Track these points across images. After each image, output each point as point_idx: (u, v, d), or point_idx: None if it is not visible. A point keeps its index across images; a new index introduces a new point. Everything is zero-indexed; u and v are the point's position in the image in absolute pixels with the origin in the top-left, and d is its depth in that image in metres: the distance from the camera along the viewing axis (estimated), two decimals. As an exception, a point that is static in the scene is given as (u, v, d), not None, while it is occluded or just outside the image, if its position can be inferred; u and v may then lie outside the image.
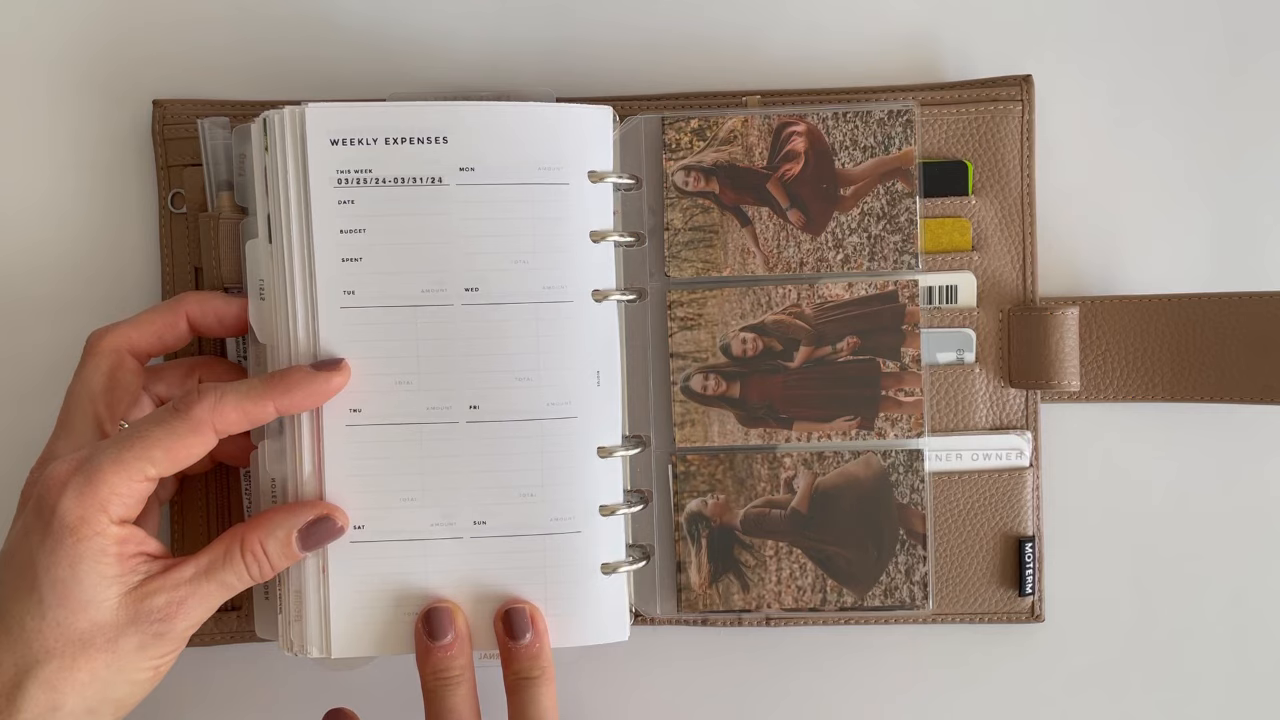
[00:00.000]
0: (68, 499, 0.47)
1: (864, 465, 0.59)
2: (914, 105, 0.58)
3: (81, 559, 0.47)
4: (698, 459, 0.59)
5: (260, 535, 0.51)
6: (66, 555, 0.47)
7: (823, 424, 0.59)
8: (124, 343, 0.53)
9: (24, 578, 0.48)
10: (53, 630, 0.47)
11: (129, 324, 0.54)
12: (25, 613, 0.47)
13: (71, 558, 0.47)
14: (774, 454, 0.59)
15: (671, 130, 0.58)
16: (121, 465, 0.48)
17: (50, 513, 0.47)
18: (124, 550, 0.48)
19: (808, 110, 0.58)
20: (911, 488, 0.58)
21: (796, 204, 0.58)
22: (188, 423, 0.49)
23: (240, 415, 0.50)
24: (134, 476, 0.48)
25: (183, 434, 0.49)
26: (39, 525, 0.48)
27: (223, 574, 0.50)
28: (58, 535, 0.47)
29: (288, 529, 0.52)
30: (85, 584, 0.47)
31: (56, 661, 0.47)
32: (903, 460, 0.58)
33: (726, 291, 0.59)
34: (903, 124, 0.58)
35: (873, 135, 0.58)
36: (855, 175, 0.58)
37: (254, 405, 0.50)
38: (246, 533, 0.51)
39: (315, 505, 0.53)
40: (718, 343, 0.59)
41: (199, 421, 0.49)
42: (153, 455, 0.48)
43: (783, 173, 0.58)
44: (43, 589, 0.47)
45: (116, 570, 0.48)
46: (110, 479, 0.48)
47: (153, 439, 0.48)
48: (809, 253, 0.58)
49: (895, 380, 0.58)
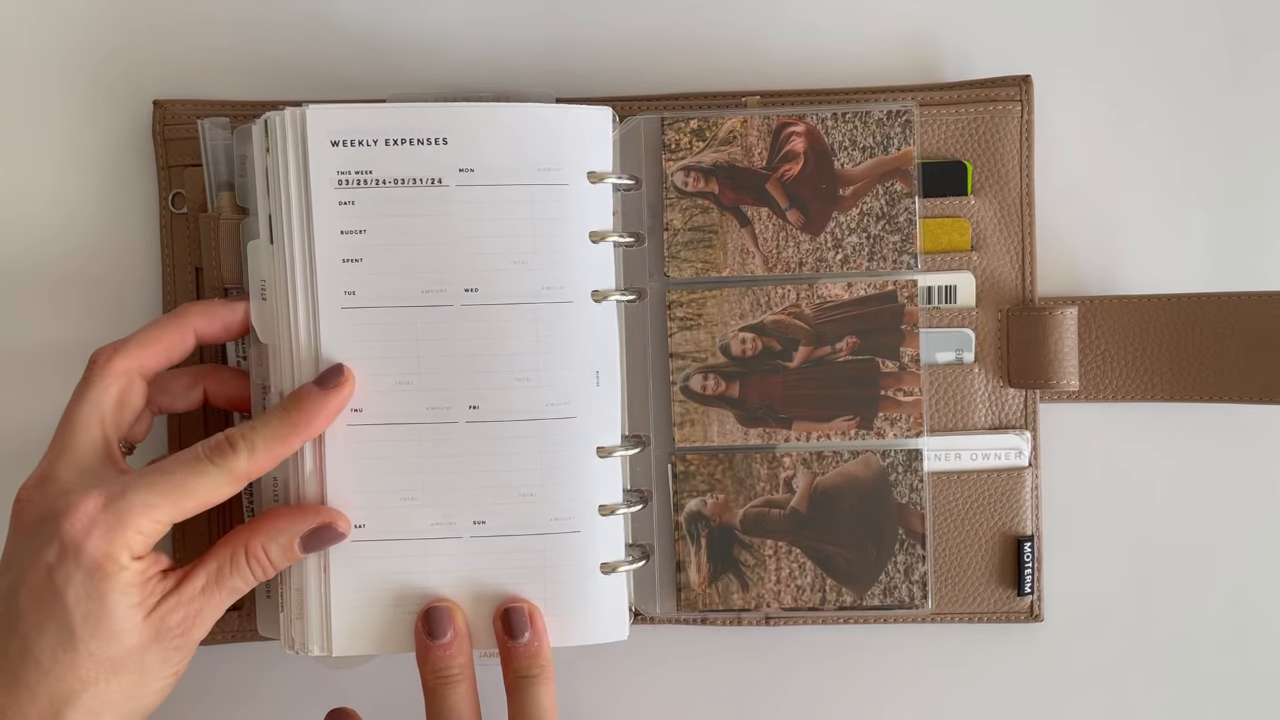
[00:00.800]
0: (95, 538, 0.48)
1: (863, 465, 0.59)
2: (913, 105, 0.58)
3: (109, 592, 0.48)
4: (697, 459, 0.59)
5: (263, 540, 0.52)
6: (96, 590, 0.48)
7: (822, 424, 0.59)
8: (134, 365, 0.53)
9: (50, 611, 0.48)
10: (86, 661, 0.48)
11: (137, 345, 0.53)
12: (57, 645, 0.48)
13: (101, 592, 0.48)
14: (773, 454, 0.59)
15: (671, 130, 0.58)
16: (151, 510, 0.49)
17: (77, 550, 0.48)
18: (144, 576, 0.49)
19: (807, 110, 0.58)
20: (910, 487, 0.58)
21: (796, 204, 0.58)
22: (225, 475, 0.50)
23: (271, 460, 0.51)
24: (161, 520, 0.49)
25: (219, 485, 0.50)
26: (64, 560, 0.48)
27: (231, 581, 0.51)
28: (87, 571, 0.48)
29: (290, 535, 0.52)
30: (116, 615, 0.48)
31: (92, 690, 0.48)
32: (902, 460, 0.58)
33: (726, 291, 0.59)
34: (902, 124, 0.58)
35: (872, 135, 0.58)
36: (854, 175, 0.58)
37: (283, 446, 0.51)
38: (250, 537, 0.52)
39: (318, 512, 0.53)
40: (717, 343, 0.59)
41: (236, 475, 0.50)
42: (185, 505, 0.49)
43: (782, 173, 0.58)
44: (74, 623, 0.48)
45: (139, 597, 0.49)
46: (139, 521, 0.49)
47: (188, 489, 0.49)
48: (808, 253, 0.59)
49: (894, 380, 0.58)
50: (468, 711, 0.53)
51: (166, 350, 0.54)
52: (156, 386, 0.55)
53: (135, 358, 0.53)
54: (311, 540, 0.53)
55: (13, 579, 0.49)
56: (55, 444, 0.52)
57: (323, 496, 0.54)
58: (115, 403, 0.52)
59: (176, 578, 0.51)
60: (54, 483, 0.50)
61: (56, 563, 0.48)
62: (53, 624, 0.48)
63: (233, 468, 0.50)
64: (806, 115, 0.58)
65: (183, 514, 0.49)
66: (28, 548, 0.49)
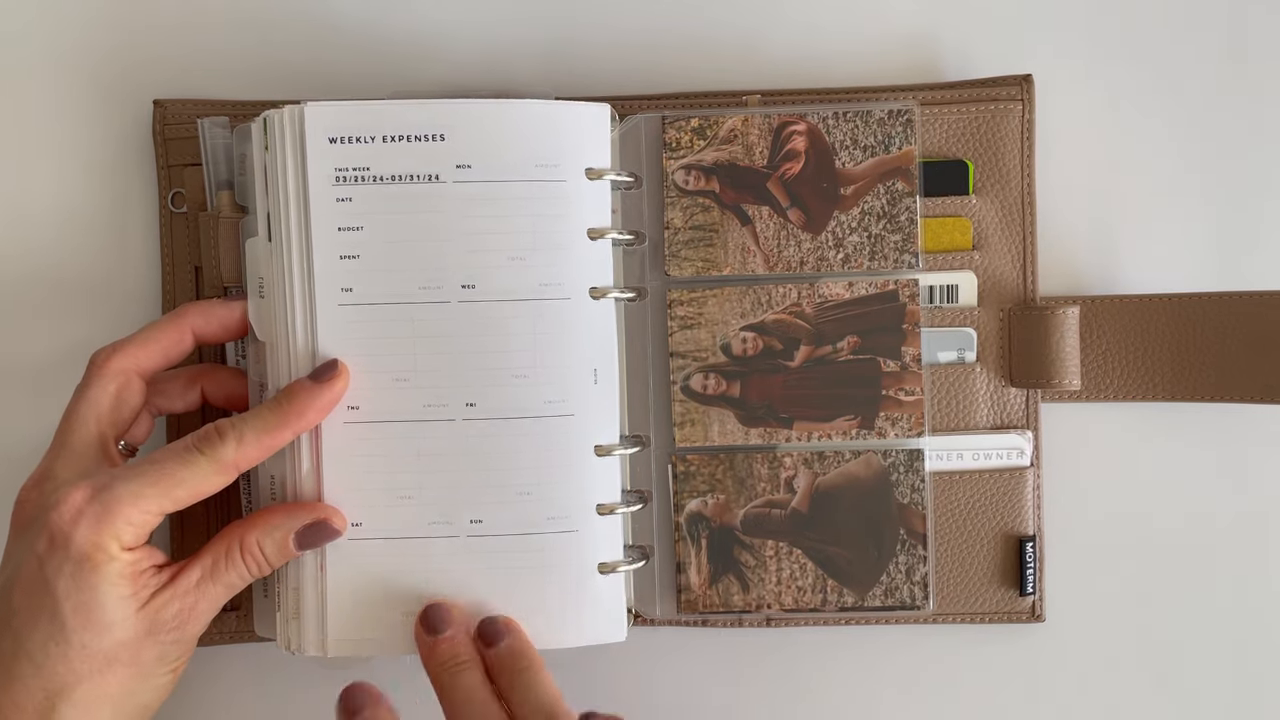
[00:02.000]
0: (83, 529, 0.48)
1: (864, 465, 0.59)
2: (914, 105, 0.58)
3: (99, 584, 0.48)
4: (697, 459, 0.59)
5: (258, 535, 0.52)
6: (86, 581, 0.48)
7: (823, 424, 0.59)
8: (131, 364, 0.53)
9: (42, 605, 0.48)
10: (78, 654, 0.48)
11: (135, 345, 0.53)
12: (49, 639, 0.48)
13: (91, 583, 0.48)
14: (774, 454, 0.59)
15: (672, 129, 0.58)
16: (140, 500, 0.49)
17: (66, 541, 0.48)
18: (135, 569, 0.49)
19: (808, 110, 0.58)
20: (912, 487, 0.58)
21: (797, 203, 0.58)
22: (214, 464, 0.50)
23: (261, 451, 0.51)
24: (150, 510, 0.49)
25: (208, 475, 0.50)
26: (53, 552, 0.48)
27: (226, 575, 0.51)
28: (75, 562, 0.48)
29: (285, 530, 0.52)
30: (106, 607, 0.48)
31: (86, 684, 0.48)
32: (903, 460, 0.58)
33: (727, 291, 0.59)
34: (903, 124, 0.58)
35: (873, 135, 0.58)
36: (855, 175, 0.58)
37: (272, 438, 0.51)
38: (245, 532, 0.52)
39: (314, 508, 0.53)
40: (718, 342, 0.59)
41: (224, 464, 0.50)
42: (175, 495, 0.49)
43: (783, 172, 0.58)
44: (64, 615, 0.48)
45: (131, 589, 0.49)
46: (127, 512, 0.49)
47: (176, 479, 0.49)
48: (809, 252, 0.58)
49: (895, 380, 0.58)
50: (484, 692, 0.52)
51: (165, 350, 0.54)
52: (155, 388, 0.55)
53: (133, 357, 0.53)
54: (306, 536, 0.53)
55: (8, 575, 0.49)
56: (54, 443, 0.52)
57: (320, 494, 0.54)
58: (112, 401, 0.52)
59: (171, 572, 0.51)
60: (50, 480, 0.50)
61: (47, 555, 0.48)
62: (45, 617, 0.48)
63: (221, 456, 0.50)
64: (808, 114, 0.58)
65: (173, 503, 0.49)
66: (23, 544, 0.49)
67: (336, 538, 0.53)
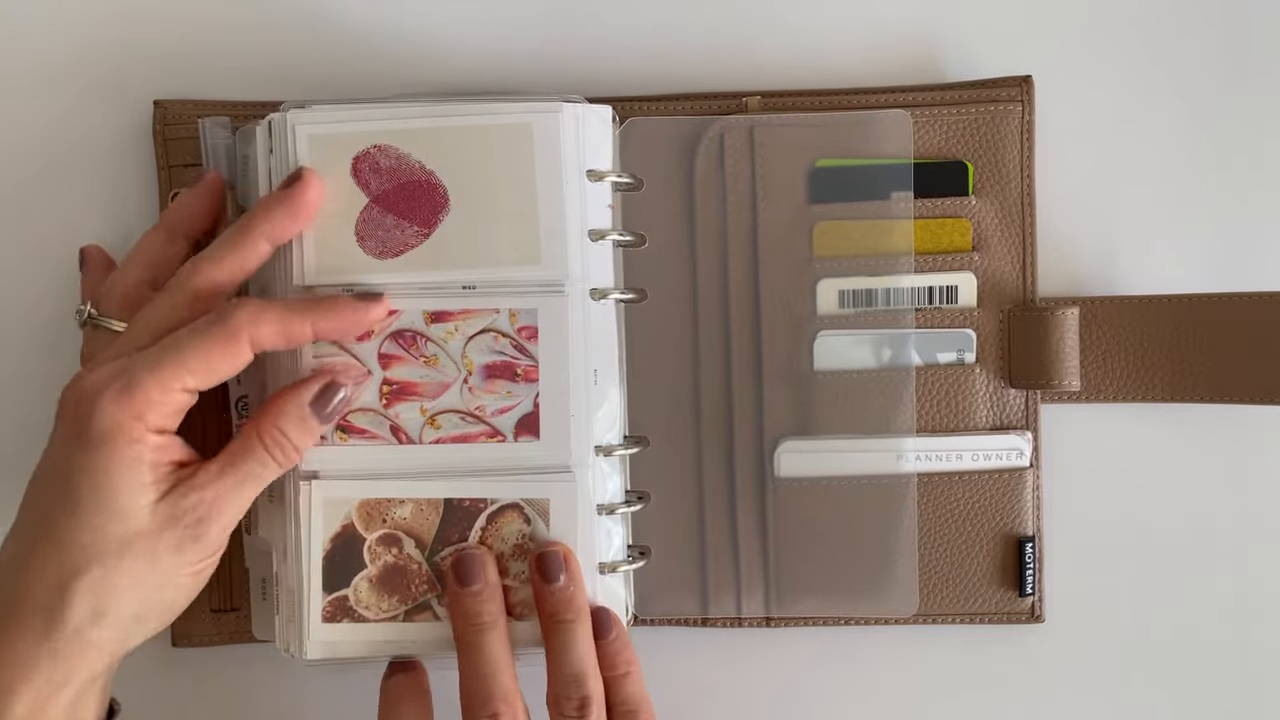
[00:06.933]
0: (103, 406, 0.47)
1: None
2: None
3: (117, 466, 0.47)
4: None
5: (272, 420, 0.50)
6: (103, 462, 0.47)
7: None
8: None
9: (62, 486, 0.47)
10: (91, 537, 0.47)
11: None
12: (66, 520, 0.47)
13: (107, 465, 0.47)
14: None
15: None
16: (159, 373, 0.47)
17: (86, 420, 0.47)
18: (159, 458, 0.48)
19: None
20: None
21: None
22: (225, 329, 0.48)
23: (278, 330, 0.49)
24: (170, 385, 0.47)
25: (220, 340, 0.48)
26: (75, 433, 0.47)
27: (247, 464, 0.49)
28: (95, 443, 0.47)
29: (298, 405, 0.50)
30: (122, 491, 0.47)
31: (99, 568, 0.47)
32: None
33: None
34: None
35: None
36: None
37: (294, 322, 0.49)
38: (259, 422, 0.50)
39: (318, 375, 0.52)
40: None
41: (236, 330, 0.48)
42: (190, 365, 0.47)
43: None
44: (81, 496, 0.47)
45: (152, 478, 0.47)
46: (147, 386, 0.47)
47: (190, 348, 0.48)
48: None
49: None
50: (504, 655, 0.51)
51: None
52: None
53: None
54: (321, 402, 0.51)
55: (41, 460, 0.49)
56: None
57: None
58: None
59: (195, 468, 0.49)
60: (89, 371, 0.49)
61: (68, 437, 0.47)
62: (63, 498, 0.47)
63: (234, 323, 0.48)
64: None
65: (191, 375, 0.47)
66: (56, 431, 0.49)
67: (354, 398, 0.52)
